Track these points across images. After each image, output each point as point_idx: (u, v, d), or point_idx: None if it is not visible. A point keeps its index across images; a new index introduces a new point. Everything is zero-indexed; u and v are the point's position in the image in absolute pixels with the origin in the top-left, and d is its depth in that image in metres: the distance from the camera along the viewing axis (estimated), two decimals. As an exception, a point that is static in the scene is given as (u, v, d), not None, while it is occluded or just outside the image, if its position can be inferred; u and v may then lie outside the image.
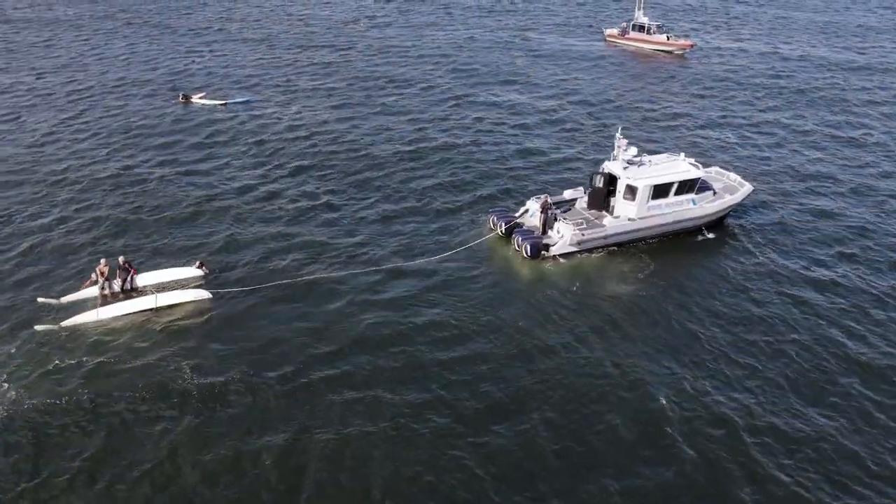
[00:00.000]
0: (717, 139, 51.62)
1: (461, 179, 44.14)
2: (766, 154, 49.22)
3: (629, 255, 35.94)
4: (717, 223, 38.67)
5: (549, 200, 36.92)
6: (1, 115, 54.73)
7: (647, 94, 62.20)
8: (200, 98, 56.90)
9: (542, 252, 35.33)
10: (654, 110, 57.46)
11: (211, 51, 73.32)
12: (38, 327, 30.40)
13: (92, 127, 52.55)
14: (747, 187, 39.13)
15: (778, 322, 31.08)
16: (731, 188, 39.18)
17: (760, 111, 58.09)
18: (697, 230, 38.03)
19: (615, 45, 78.41)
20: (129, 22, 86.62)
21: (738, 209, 39.99)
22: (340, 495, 22.54)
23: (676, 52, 75.19)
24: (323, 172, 45.15)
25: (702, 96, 61.78)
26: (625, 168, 36.79)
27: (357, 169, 45.50)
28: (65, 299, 32.35)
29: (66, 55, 71.55)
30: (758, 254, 36.45)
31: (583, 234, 35.43)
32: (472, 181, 43.72)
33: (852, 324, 31.05)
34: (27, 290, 32.79)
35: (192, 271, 34.04)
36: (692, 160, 38.39)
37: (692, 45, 75.95)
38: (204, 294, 32.41)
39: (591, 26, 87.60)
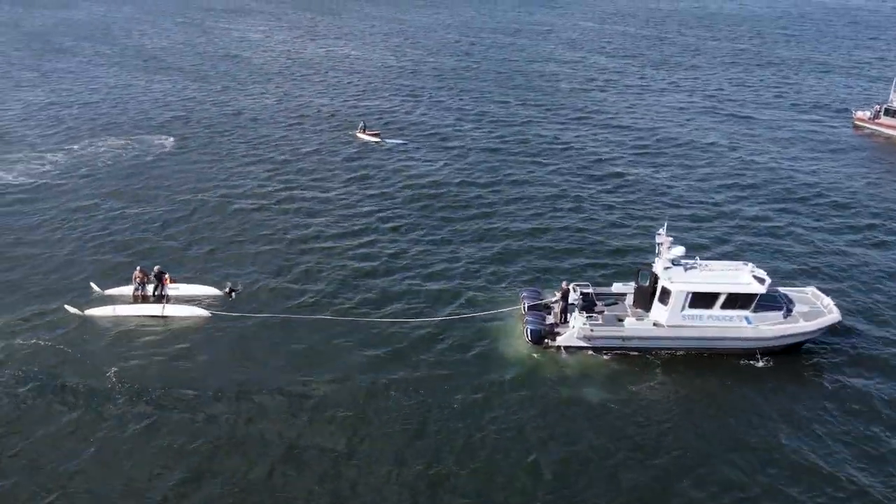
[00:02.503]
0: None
1: (591, 247, 42.36)
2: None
3: (646, 365, 31.88)
4: (782, 351, 32.62)
5: (569, 287, 33.89)
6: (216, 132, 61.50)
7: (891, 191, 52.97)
8: (366, 133, 59.45)
9: (546, 340, 32.36)
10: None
11: (392, 96, 76.29)
12: (66, 306, 34.46)
13: (263, 151, 57.45)
14: (829, 318, 32.79)
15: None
16: (814, 314, 33.00)
17: None
18: (750, 354, 32.36)
19: (864, 131, 68.76)
20: (333, 68, 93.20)
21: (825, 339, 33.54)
22: None
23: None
24: (418, 220, 45.40)
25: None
26: (666, 268, 32.72)
27: (450, 219, 45.54)
28: (107, 291, 36.15)
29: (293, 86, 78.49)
30: (820, 402, 29.97)
31: (592, 330, 31.97)
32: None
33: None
34: (94, 275, 37.41)
35: (214, 291, 36.00)
36: (762, 273, 32.92)
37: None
38: (203, 313, 34.74)
39: (829, 104, 77.02)
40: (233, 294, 35.77)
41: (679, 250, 33.17)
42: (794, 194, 50.79)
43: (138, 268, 36.51)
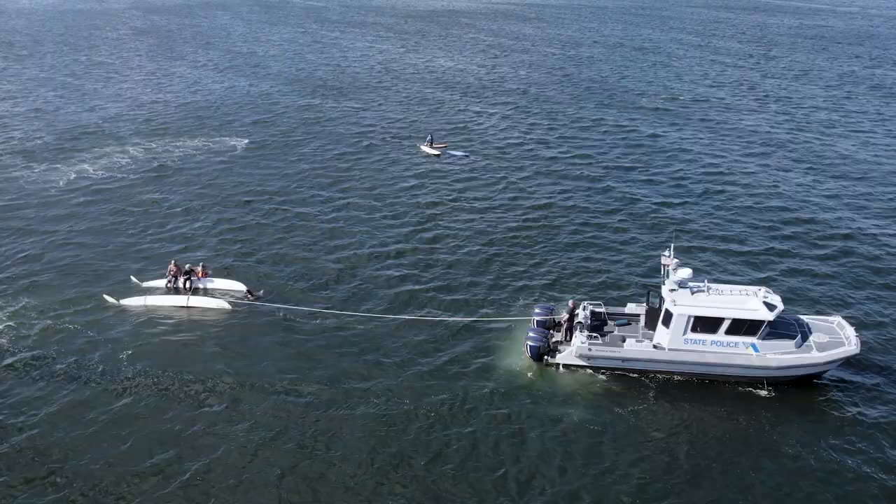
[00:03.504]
0: None
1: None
2: None
3: (643, 387, 31.40)
4: (792, 382, 31.41)
5: (575, 305, 33.81)
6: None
7: None
8: (432, 145, 60.56)
9: (546, 357, 32.35)
10: None
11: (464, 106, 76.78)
12: (105, 295, 37.01)
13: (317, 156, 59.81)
14: (843, 350, 31.26)
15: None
16: (831, 345, 31.57)
17: None
18: (757, 383, 31.29)
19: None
20: (422, 80, 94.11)
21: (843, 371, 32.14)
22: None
23: None
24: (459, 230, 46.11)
25: None
26: (672, 290, 32.10)
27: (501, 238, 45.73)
28: (144, 283, 38.35)
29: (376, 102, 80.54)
30: (821, 439, 28.67)
31: (590, 349, 31.72)
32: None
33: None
34: (139, 268, 40.19)
35: (242, 287, 37.66)
36: (775, 299, 31.78)
37: None
38: (226, 306, 36.18)
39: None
40: (250, 296, 37.19)
41: (685, 272, 32.50)
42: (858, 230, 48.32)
43: (173, 261, 38.67)
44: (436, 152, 60.33)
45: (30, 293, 37.30)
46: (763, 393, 31.05)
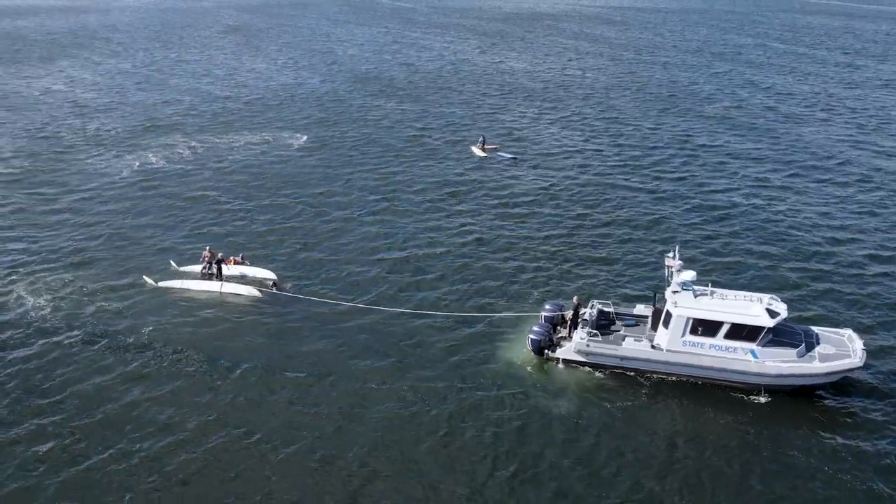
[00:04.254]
0: None
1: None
2: None
3: (637, 386, 31.84)
4: (793, 392, 31.31)
5: (579, 303, 34.64)
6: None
7: None
8: (484, 147, 61.83)
9: (546, 351, 33.17)
10: None
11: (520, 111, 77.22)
12: (144, 277, 39.52)
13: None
14: (845, 362, 30.91)
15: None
16: (835, 357, 31.35)
17: None
18: (754, 390, 31.36)
19: None
20: (489, 82, 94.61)
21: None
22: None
23: None
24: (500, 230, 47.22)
25: None
26: (675, 292, 32.48)
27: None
28: (182, 267, 40.81)
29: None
30: (811, 452, 28.46)
31: (588, 346, 32.39)
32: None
33: None
34: (181, 254, 42.55)
35: (268, 274, 39.72)
36: (780, 307, 31.76)
37: None
38: (255, 293, 38.52)
39: None
40: (274, 288, 39.21)
41: (689, 274, 32.77)
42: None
43: (207, 248, 40.92)
44: (483, 154, 61.30)
45: (77, 271, 40.28)
46: (760, 400, 31.00)
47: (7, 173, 55.76)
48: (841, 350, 31.72)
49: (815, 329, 33.48)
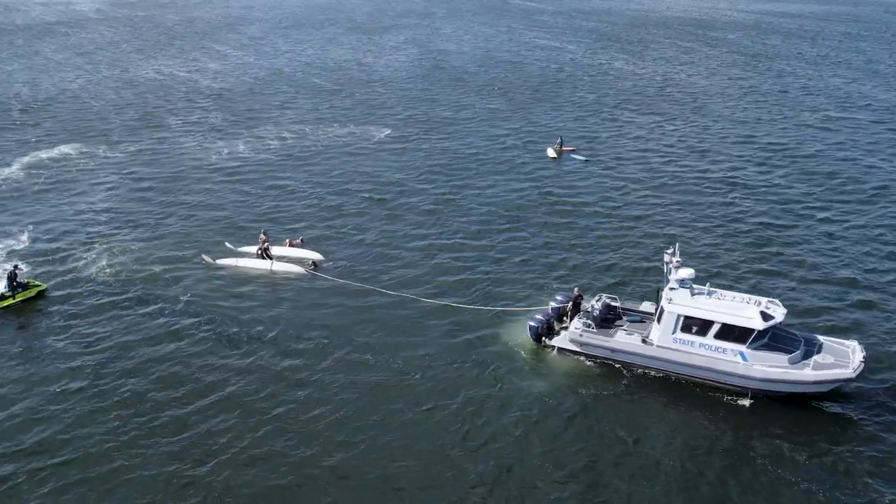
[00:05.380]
0: None
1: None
2: None
3: (624, 379, 33.13)
4: (781, 399, 31.61)
5: (580, 294, 36.24)
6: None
7: None
8: (560, 148, 63.52)
9: (544, 338, 34.89)
10: None
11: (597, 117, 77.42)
12: (203, 255, 43.97)
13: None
14: (834, 373, 30.91)
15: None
16: (830, 367, 31.42)
17: None
18: (743, 393, 31.92)
19: None
20: (600, 85, 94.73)
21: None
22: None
23: None
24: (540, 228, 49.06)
25: None
26: (672, 289, 33.44)
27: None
28: (240, 248, 44.84)
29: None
30: (791, 462, 28.78)
31: (581, 336, 33.88)
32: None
33: None
34: (244, 238, 46.40)
35: (315, 255, 43.86)
36: (776, 311, 32.07)
37: None
38: (300, 270, 42.70)
39: None
40: (314, 267, 42.81)
41: (687, 272, 33.44)
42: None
43: (262, 231, 44.67)
44: (557, 155, 62.60)
45: (146, 246, 44.99)
46: (744, 403, 31.45)
47: (110, 153, 62.11)
48: (840, 360, 31.62)
49: (822, 338, 33.45)
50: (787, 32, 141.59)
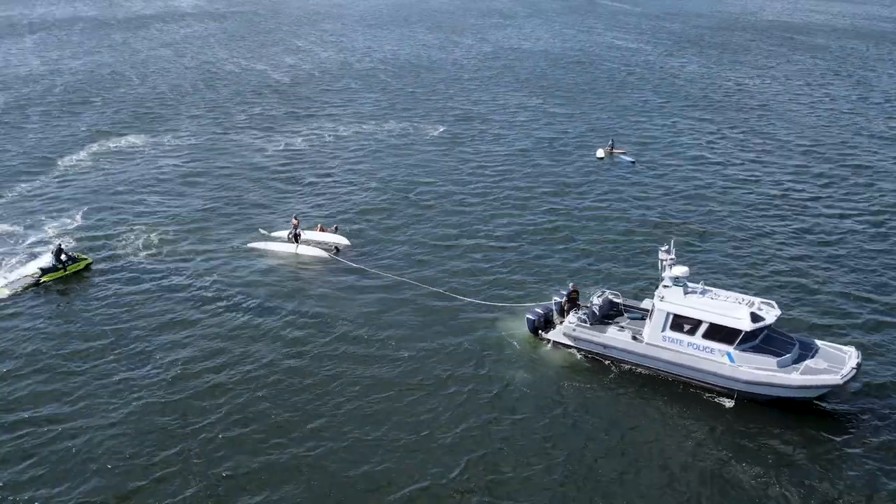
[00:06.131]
0: None
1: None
2: None
3: (611, 375, 33.95)
4: (768, 403, 31.78)
5: (576, 289, 37.23)
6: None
7: None
8: (611, 150, 64.18)
9: (540, 332, 35.99)
10: None
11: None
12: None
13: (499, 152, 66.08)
14: (821, 378, 30.84)
15: None
16: (820, 372, 31.46)
17: None
18: (730, 395, 32.29)
19: None
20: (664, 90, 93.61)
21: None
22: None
23: None
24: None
25: None
26: (665, 286, 34.02)
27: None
28: (273, 233, 47.52)
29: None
30: (770, 467, 29.16)
31: (574, 330, 34.84)
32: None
33: None
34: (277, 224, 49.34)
35: (342, 240, 46.11)
36: (769, 313, 32.29)
37: None
38: (324, 255, 45.21)
39: None
40: (336, 252, 44.98)
41: (681, 270, 33.83)
42: None
43: (294, 216, 47.09)
44: (603, 156, 63.06)
45: (184, 230, 48.07)
46: (726, 404, 31.80)
47: (173, 142, 66.01)
48: (833, 366, 31.52)
49: (819, 343, 33.37)
50: (881, 36, 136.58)
